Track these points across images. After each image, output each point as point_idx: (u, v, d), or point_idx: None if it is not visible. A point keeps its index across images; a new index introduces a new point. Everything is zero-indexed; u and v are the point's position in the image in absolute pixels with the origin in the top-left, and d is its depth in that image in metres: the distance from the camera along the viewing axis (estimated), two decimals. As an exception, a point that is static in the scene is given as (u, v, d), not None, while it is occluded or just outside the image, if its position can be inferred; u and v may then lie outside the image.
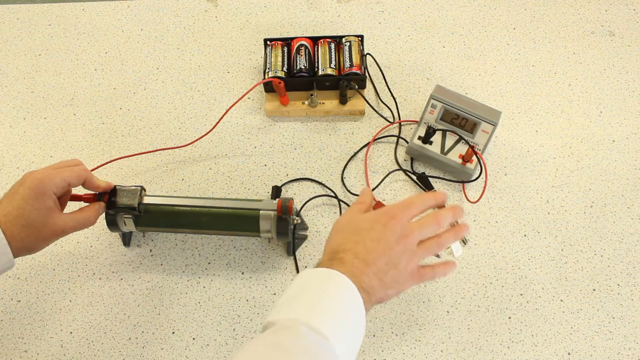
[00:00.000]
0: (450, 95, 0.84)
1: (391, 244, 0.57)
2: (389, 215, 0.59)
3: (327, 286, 0.54)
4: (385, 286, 0.57)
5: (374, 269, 0.56)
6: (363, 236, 0.58)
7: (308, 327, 0.49)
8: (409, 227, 0.59)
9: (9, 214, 0.60)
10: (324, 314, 0.51)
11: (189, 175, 0.88)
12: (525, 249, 0.80)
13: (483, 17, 1.01)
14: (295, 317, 0.51)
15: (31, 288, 0.79)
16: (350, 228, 0.60)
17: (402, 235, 0.58)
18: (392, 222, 0.59)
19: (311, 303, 0.52)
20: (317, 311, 0.51)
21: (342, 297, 0.54)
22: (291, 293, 0.55)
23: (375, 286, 0.56)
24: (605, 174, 0.86)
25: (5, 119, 0.94)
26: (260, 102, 0.93)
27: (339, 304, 0.53)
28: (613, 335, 0.74)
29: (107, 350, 0.75)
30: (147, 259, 0.81)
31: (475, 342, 0.74)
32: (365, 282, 0.55)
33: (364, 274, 0.56)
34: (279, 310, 0.53)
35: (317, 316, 0.51)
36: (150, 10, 1.04)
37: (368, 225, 0.59)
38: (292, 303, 0.54)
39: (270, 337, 0.50)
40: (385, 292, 0.57)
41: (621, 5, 1.02)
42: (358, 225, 0.60)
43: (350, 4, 1.03)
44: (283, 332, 0.50)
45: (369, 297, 0.56)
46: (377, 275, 0.56)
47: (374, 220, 0.60)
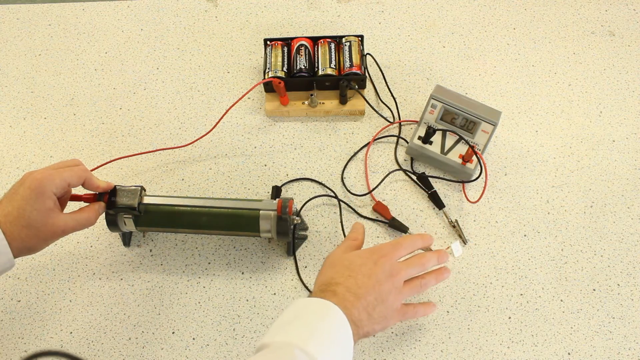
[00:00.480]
0: (450, 95, 0.84)
1: (381, 281, 0.61)
2: (380, 253, 0.64)
3: (320, 314, 0.57)
4: (373, 321, 0.60)
5: (364, 303, 0.59)
6: (355, 271, 0.62)
7: (302, 351, 0.52)
8: (397, 267, 0.63)
9: (9, 214, 0.60)
10: (318, 340, 0.54)
11: (189, 175, 0.88)
12: (525, 249, 0.80)
13: (483, 17, 1.01)
14: (289, 340, 0.53)
15: (31, 288, 0.79)
16: (343, 263, 0.64)
17: (390, 273, 0.62)
18: (383, 260, 0.63)
19: (305, 329, 0.55)
20: (311, 337, 0.54)
21: (335, 326, 0.56)
22: (285, 318, 0.57)
23: (363, 319, 0.59)
24: (605, 174, 0.86)
25: (5, 119, 0.94)
26: (260, 102, 0.93)
27: (331, 332, 0.55)
28: (613, 335, 0.74)
29: (107, 350, 0.75)
30: (147, 259, 0.81)
31: (475, 342, 0.74)
32: (354, 315, 0.58)
33: (354, 307, 0.59)
34: (274, 334, 0.55)
35: (310, 341, 0.53)
36: (150, 10, 1.04)
37: (360, 261, 0.63)
38: (286, 327, 0.56)
39: (264, 357, 0.52)
40: (372, 327, 0.60)
41: (621, 5, 1.02)
42: (351, 261, 0.63)
43: (350, 4, 1.03)
44: (277, 353, 0.52)
45: (357, 330, 0.59)
46: (366, 310, 0.60)
47: (365, 257, 0.64)
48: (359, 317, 0.59)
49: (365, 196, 0.85)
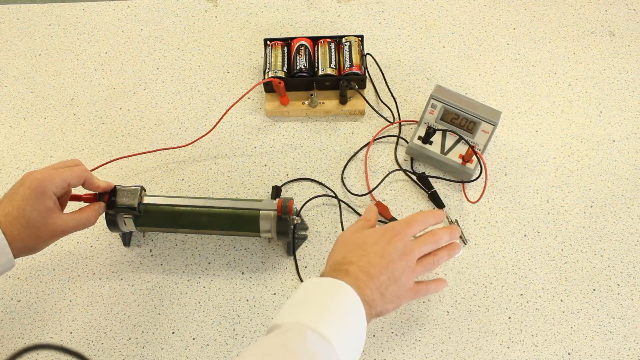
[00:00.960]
0: (450, 95, 0.84)
1: (394, 260, 0.60)
2: (392, 232, 0.62)
3: (332, 294, 0.56)
4: (385, 300, 0.59)
5: (377, 283, 0.58)
6: (367, 250, 0.61)
7: (314, 332, 0.51)
8: (410, 245, 0.62)
9: (9, 214, 0.60)
10: (330, 320, 0.53)
11: (189, 175, 0.88)
12: (525, 249, 0.80)
13: (483, 17, 1.01)
14: (301, 321, 0.52)
15: (31, 288, 0.79)
16: (355, 242, 0.63)
17: (404, 252, 0.61)
18: (396, 239, 0.62)
19: (317, 309, 0.54)
20: (323, 317, 0.53)
21: (347, 306, 0.55)
22: (297, 299, 0.56)
23: (376, 299, 0.58)
24: (605, 174, 0.86)
25: (5, 119, 0.94)
26: (260, 102, 0.93)
27: (344, 313, 0.54)
28: (613, 335, 0.74)
29: (107, 350, 0.75)
30: (147, 259, 0.81)
31: (475, 342, 0.74)
32: (367, 295, 0.57)
33: (367, 287, 0.58)
34: (285, 315, 0.54)
35: (322, 322, 0.52)
36: (150, 10, 1.04)
37: (373, 240, 0.62)
38: (298, 308, 0.55)
39: (276, 338, 0.51)
40: (384, 306, 0.60)
41: (621, 5, 1.02)
42: (363, 240, 0.63)
43: (350, 4, 1.03)
44: (289, 334, 0.51)
45: (370, 310, 0.58)
46: (379, 289, 0.59)
47: (378, 236, 0.62)
48: (371, 296, 0.58)
49: (365, 196, 0.85)
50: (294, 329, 0.51)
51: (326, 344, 0.51)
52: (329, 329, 0.52)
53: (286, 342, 0.50)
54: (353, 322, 0.55)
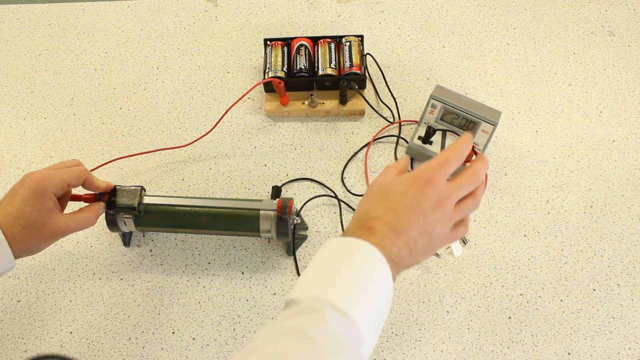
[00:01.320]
0: (450, 95, 0.84)
1: (426, 212, 0.53)
2: (424, 178, 0.53)
3: (355, 260, 0.50)
4: (415, 254, 0.53)
5: (405, 239, 0.52)
6: (396, 202, 0.53)
7: (334, 309, 0.47)
8: (447, 192, 0.53)
9: (9, 214, 0.60)
10: (351, 293, 0.48)
11: (189, 175, 0.88)
12: (525, 249, 0.80)
13: (483, 17, 1.01)
14: (320, 295, 0.48)
15: (31, 288, 0.79)
16: (382, 192, 0.55)
17: (438, 201, 0.53)
18: (429, 187, 0.53)
19: (338, 280, 0.49)
20: (344, 290, 0.48)
21: (371, 273, 0.50)
22: (317, 267, 0.52)
23: (404, 256, 0.52)
24: (605, 174, 0.86)
25: (5, 119, 0.94)
26: (260, 102, 0.93)
27: (367, 281, 0.50)
28: (613, 335, 0.74)
29: (107, 350, 0.75)
30: (147, 259, 0.81)
31: (475, 342, 0.74)
32: (394, 253, 0.52)
33: (393, 245, 0.52)
34: (304, 287, 0.50)
35: (343, 296, 0.48)
36: (150, 10, 1.04)
37: (401, 189, 0.54)
38: (317, 279, 0.51)
39: (293, 320, 0.47)
40: (414, 260, 0.54)
41: (621, 5, 1.02)
42: (391, 189, 0.54)
43: (350, 4, 1.03)
44: (307, 315, 0.47)
45: (397, 268, 0.52)
46: (408, 245, 0.52)
47: (408, 184, 0.54)
48: (399, 254, 0.52)
49: (365, 196, 0.84)
50: (312, 308, 0.47)
51: (347, 323, 0.47)
52: (351, 303, 0.47)
53: (303, 326, 0.46)
54: (377, 290, 0.50)
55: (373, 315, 0.49)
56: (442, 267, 0.79)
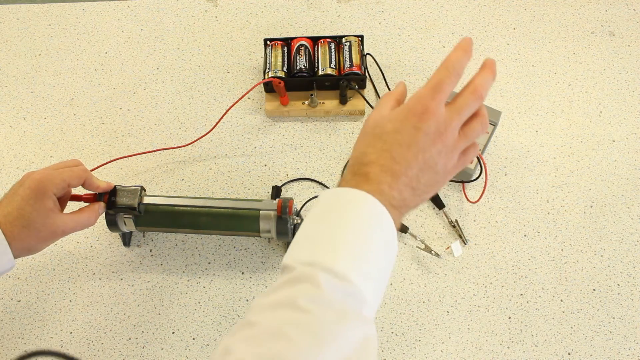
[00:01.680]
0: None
1: (424, 147, 0.48)
2: (418, 110, 0.48)
3: (352, 214, 0.46)
4: (420, 193, 0.49)
5: (405, 180, 0.48)
6: (390, 142, 0.48)
7: (329, 274, 0.43)
8: (446, 120, 0.48)
9: (8, 214, 0.60)
10: (348, 252, 0.45)
11: (189, 175, 0.88)
12: (525, 249, 0.80)
13: (483, 17, 1.01)
14: (314, 259, 0.45)
15: (31, 288, 0.79)
16: (375, 131, 0.50)
17: (437, 132, 0.48)
18: (423, 119, 0.48)
19: (333, 239, 0.46)
20: (340, 250, 0.45)
21: (370, 225, 0.46)
22: (311, 226, 0.48)
23: (406, 197, 0.48)
24: (605, 174, 0.86)
25: (5, 119, 0.94)
26: (260, 102, 0.93)
27: (366, 236, 0.46)
28: (613, 335, 0.74)
29: (107, 350, 0.75)
30: (147, 259, 0.81)
31: (475, 342, 0.74)
32: (395, 198, 0.47)
33: (392, 189, 0.47)
34: (296, 250, 0.47)
35: (340, 257, 0.44)
36: (150, 10, 1.04)
37: (394, 126, 0.49)
38: (311, 240, 0.47)
39: (287, 290, 0.44)
40: (420, 198, 0.50)
41: (621, 5, 1.02)
42: (384, 128, 0.49)
43: (350, 4, 1.03)
44: (301, 285, 0.44)
45: (400, 212, 0.48)
46: (409, 185, 0.48)
47: (401, 120, 0.49)
48: (400, 197, 0.48)
49: (365, 196, 0.84)
50: (306, 276, 0.44)
51: (345, 286, 0.43)
52: (347, 263, 0.44)
53: (297, 297, 0.42)
54: (378, 245, 0.46)
55: (374, 272, 0.46)
56: (442, 267, 0.79)
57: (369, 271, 0.45)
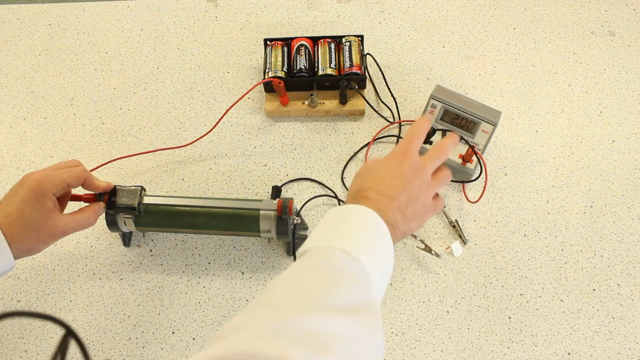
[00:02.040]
0: (450, 95, 0.84)
1: (409, 179, 0.59)
2: (400, 152, 0.61)
3: (356, 218, 0.55)
4: (408, 220, 0.59)
5: (397, 204, 0.58)
6: (382, 175, 0.60)
7: (342, 252, 0.51)
8: (422, 161, 0.61)
9: (8, 215, 0.60)
10: (357, 241, 0.53)
11: (189, 175, 0.88)
12: (525, 249, 0.80)
13: (483, 17, 1.01)
14: (329, 244, 0.53)
15: (31, 288, 0.79)
16: (368, 171, 0.62)
17: (417, 170, 0.60)
18: (405, 158, 0.60)
19: (343, 232, 0.54)
20: (350, 238, 0.53)
21: (372, 227, 0.55)
22: (322, 226, 0.56)
23: (398, 220, 0.57)
24: (605, 174, 0.86)
25: (5, 119, 0.94)
26: (260, 102, 0.93)
27: (370, 233, 0.54)
28: (613, 335, 0.74)
29: (107, 350, 0.75)
30: (147, 259, 0.81)
31: (475, 342, 0.74)
32: (390, 217, 0.57)
33: (388, 209, 0.57)
34: (312, 241, 0.54)
35: (350, 242, 0.52)
36: (150, 10, 1.04)
37: (384, 165, 0.61)
38: (324, 234, 0.55)
39: (305, 261, 0.51)
40: (408, 226, 0.59)
41: (621, 5, 1.02)
42: (375, 168, 0.61)
43: (350, 4, 1.03)
44: (317, 256, 0.51)
45: (394, 231, 0.57)
46: (400, 210, 0.58)
47: (389, 160, 0.61)
48: (394, 218, 0.57)
49: (365, 196, 0.84)
50: (322, 251, 0.52)
51: (355, 262, 0.51)
52: (357, 248, 0.52)
53: (315, 262, 0.50)
54: (380, 243, 0.55)
55: (378, 261, 0.53)
56: (442, 267, 0.79)
57: (374, 259, 0.52)
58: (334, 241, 0.53)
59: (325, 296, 0.46)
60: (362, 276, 0.51)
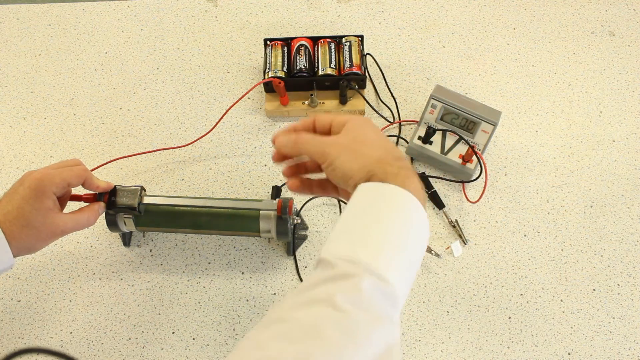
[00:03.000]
0: (450, 95, 0.84)
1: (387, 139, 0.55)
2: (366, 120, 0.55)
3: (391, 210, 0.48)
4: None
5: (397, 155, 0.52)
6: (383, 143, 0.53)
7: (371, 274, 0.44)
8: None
9: (8, 213, 0.60)
10: (389, 250, 0.46)
11: (189, 175, 0.88)
12: (525, 249, 0.80)
13: (483, 17, 1.01)
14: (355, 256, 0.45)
15: (31, 288, 0.79)
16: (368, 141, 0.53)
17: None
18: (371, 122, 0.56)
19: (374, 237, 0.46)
20: (381, 248, 0.45)
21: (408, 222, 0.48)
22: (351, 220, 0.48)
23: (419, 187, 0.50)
24: (605, 174, 0.86)
25: (5, 119, 0.94)
26: (260, 102, 0.93)
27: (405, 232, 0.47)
28: (613, 335, 0.74)
29: (107, 350, 0.75)
30: (147, 259, 0.81)
31: (475, 342, 0.74)
32: (421, 192, 0.50)
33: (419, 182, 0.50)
34: (337, 244, 0.47)
35: (381, 255, 0.45)
36: (150, 10, 1.04)
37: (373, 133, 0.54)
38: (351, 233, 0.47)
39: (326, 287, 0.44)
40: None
41: (621, 5, 1.02)
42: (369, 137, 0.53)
43: (350, 4, 1.03)
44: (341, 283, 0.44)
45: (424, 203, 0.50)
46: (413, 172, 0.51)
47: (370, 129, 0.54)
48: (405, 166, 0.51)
49: (365, 196, 0.84)
50: (347, 275, 0.44)
51: (384, 288, 0.44)
52: (387, 262, 0.45)
53: (335, 295, 0.43)
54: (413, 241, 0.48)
55: (408, 270, 0.47)
56: (442, 267, 0.79)
57: (404, 269, 0.46)
58: (361, 251, 0.45)
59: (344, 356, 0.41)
60: (389, 305, 0.45)
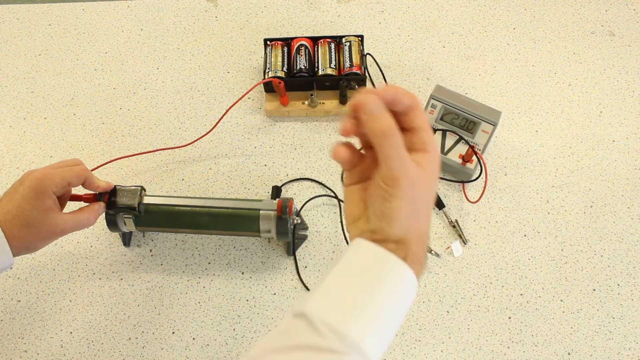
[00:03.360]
0: (450, 95, 0.84)
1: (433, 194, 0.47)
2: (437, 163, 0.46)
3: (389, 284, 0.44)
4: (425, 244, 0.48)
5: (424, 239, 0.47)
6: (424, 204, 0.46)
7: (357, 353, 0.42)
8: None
9: (8, 212, 0.60)
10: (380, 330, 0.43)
11: (189, 175, 0.88)
12: (525, 249, 0.80)
13: (483, 17, 1.01)
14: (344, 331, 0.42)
15: (31, 288, 0.79)
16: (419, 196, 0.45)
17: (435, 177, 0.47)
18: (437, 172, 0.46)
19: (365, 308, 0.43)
20: (372, 325, 0.43)
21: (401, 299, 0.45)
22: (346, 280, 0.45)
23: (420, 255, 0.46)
24: (605, 174, 0.86)
25: (5, 119, 0.94)
26: (260, 102, 0.93)
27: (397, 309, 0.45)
28: (613, 335, 0.74)
29: (107, 350, 0.75)
30: (147, 259, 0.81)
31: (475, 342, 0.74)
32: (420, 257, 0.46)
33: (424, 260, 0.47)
34: (326, 306, 0.44)
35: (371, 336, 0.42)
36: (150, 10, 1.04)
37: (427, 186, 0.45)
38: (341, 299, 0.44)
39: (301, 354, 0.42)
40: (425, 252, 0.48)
41: (621, 5, 1.02)
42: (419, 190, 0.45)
43: (350, 4, 1.03)
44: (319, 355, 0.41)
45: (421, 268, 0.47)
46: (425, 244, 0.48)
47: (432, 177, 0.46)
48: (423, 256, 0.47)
49: (365, 196, 0.84)
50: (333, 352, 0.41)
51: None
52: (376, 342, 0.43)
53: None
54: (402, 316, 0.45)
55: (389, 340, 0.45)
56: (442, 267, 0.79)
57: (387, 341, 0.44)
58: (354, 329, 0.42)
59: None
60: None
